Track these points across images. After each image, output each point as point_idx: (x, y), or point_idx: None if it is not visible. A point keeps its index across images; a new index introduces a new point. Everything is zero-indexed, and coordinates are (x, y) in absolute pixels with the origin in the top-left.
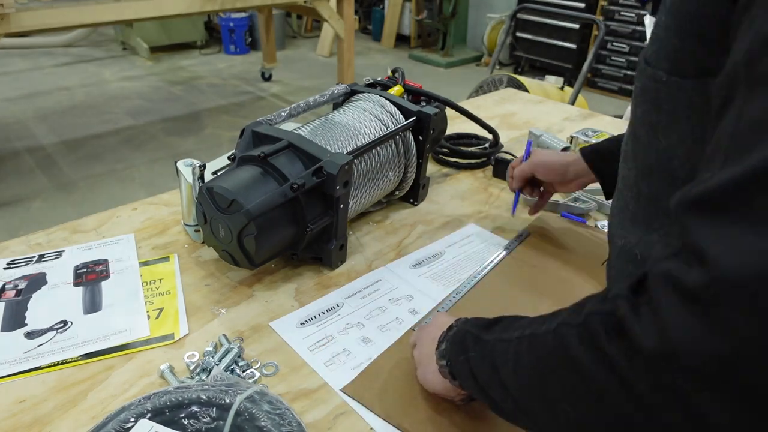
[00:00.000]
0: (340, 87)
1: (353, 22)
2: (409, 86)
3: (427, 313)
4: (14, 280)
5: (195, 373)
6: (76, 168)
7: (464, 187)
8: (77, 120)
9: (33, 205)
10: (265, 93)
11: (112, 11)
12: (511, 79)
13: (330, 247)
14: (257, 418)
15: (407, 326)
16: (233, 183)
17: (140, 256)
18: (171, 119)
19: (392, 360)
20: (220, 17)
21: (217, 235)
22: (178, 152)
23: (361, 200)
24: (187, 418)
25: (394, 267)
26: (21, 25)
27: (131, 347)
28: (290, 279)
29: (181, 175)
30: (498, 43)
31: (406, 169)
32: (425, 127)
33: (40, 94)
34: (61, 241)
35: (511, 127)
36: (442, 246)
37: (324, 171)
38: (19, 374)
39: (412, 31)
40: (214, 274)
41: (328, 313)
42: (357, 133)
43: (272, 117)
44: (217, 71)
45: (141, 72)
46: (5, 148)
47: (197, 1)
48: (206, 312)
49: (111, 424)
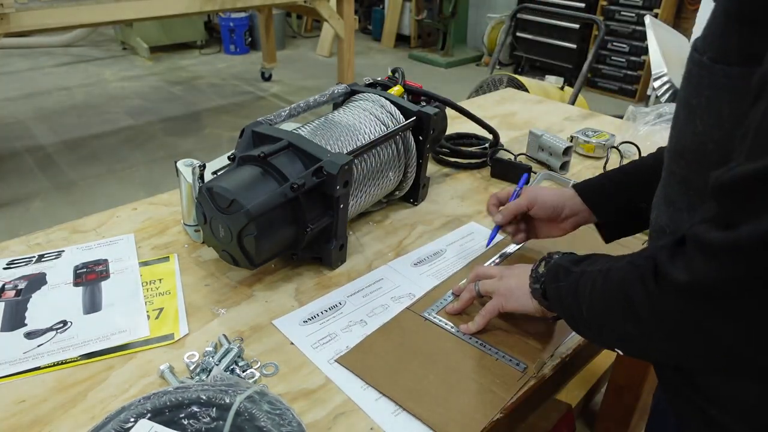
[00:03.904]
0: (340, 87)
1: (353, 22)
2: (409, 86)
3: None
4: (14, 280)
5: (195, 373)
6: (76, 168)
7: (464, 186)
8: (77, 120)
9: (33, 205)
10: (265, 93)
11: (112, 11)
12: (511, 79)
13: (330, 247)
14: (257, 418)
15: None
16: (233, 183)
17: (140, 256)
18: (171, 119)
19: (383, 336)
20: (220, 17)
21: (217, 235)
22: (178, 152)
23: (361, 200)
24: (187, 419)
25: (396, 265)
26: (21, 25)
27: (131, 347)
28: (290, 279)
29: (181, 175)
30: (498, 43)
31: (406, 169)
32: (425, 127)
33: (40, 94)
34: (61, 241)
35: (511, 127)
36: (443, 244)
37: (324, 171)
38: (18, 374)
39: (412, 31)
40: (214, 274)
41: (331, 311)
42: (357, 133)
43: (272, 117)
44: (217, 71)
45: (141, 72)
46: (5, 148)
47: (197, 1)
48: (206, 312)
49: (111, 424)
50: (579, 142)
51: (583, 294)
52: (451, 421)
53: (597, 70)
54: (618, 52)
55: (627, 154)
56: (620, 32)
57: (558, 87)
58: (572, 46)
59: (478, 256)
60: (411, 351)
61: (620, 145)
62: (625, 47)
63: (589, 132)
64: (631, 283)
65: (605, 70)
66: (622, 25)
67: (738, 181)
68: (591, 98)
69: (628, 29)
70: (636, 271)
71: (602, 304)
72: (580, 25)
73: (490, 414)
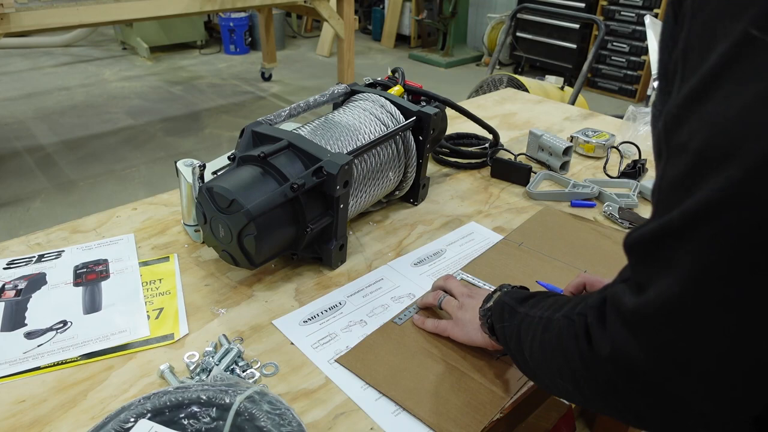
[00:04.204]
0: (340, 87)
1: (353, 22)
2: (409, 86)
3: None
4: (14, 280)
5: (195, 373)
6: (76, 168)
7: (464, 186)
8: (77, 120)
9: (33, 205)
10: (265, 93)
11: (112, 11)
12: (511, 79)
13: (330, 247)
14: (257, 418)
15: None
16: (233, 183)
17: (140, 256)
18: (171, 119)
19: (383, 336)
20: (220, 17)
21: (217, 235)
22: (178, 152)
23: (361, 200)
24: (187, 419)
25: (396, 265)
26: (21, 25)
27: (131, 347)
28: (290, 279)
29: (181, 175)
30: (498, 43)
31: (406, 169)
32: (425, 127)
33: (40, 94)
34: (61, 241)
35: (511, 127)
36: (443, 244)
37: (324, 171)
38: (18, 374)
39: (412, 31)
40: (214, 274)
41: (331, 311)
42: (357, 133)
43: (272, 117)
44: (217, 71)
45: (141, 72)
46: (5, 148)
47: (197, 1)
48: (206, 312)
49: (111, 424)
50: (579, 142)
51: (525, 340)
52: (451, 421)
53: (597, 70)
54: (618, 52)
55: (627, 154)
56: (620, 32)
57: (558, 87)
58: (572, 46)
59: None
60: (411, 351)
61: (620, 145)
62: (625, 47)
63: (589, 132)
64: (567, 339)
65: (605, 70)
66: (622, 25)
67: (640, 240)
68: (591, 98)
69: (628, 29)
70: (572, 327)
71: (541, 356)
72: (580, 25)
73: (490, 414)
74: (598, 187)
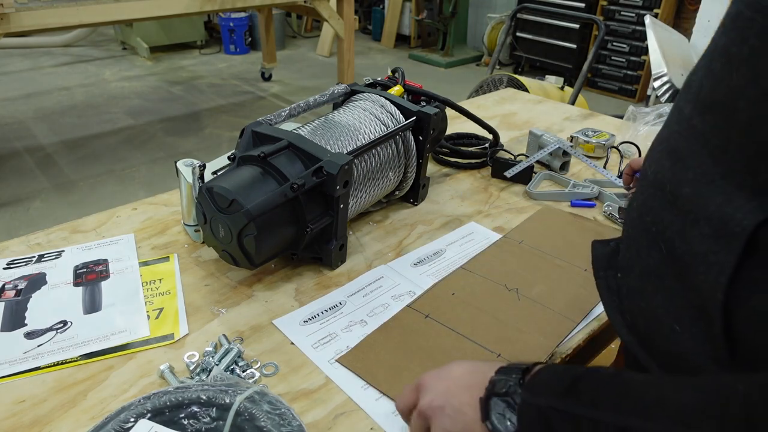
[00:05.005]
0: (340, 87)
1: (353, 22)
2: (409, 86)
3: (422, 293)
4: (14, 280)
5: (195, 373)
6: (76, 168)
7: (464, 186)
8: (77, 120)
9: (33, 205)
10: (265, 93)
11: (112, 11)
12: (511, 79)
13: (330, 247)
14: (257, 418)
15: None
16: (233, 183)
17: (140, 256)
18: (171, 119)
19: (383, 335)
20: (220, 17)
21: (217, 235)
22: (178, 152)
23: (361, 200)
24: (187, 419)
25: (396, 265)
26: (21, 25)
27: (131, 347)
28: (290, 279)
29: (181, 175)
30: (498, 43)
31: (406, 169)
32: (425, 127)
33: (40, 94)
34: (61, 241)
35: (511, 127)
36: (443, 244)
37: (324, 171)
38: (18, 374)
39: (412, 31)
40: (214, 274)
41: (331, 311)
42: (357, 133)
43: (272, 117)
44: (217, 71)
45: (141, 72)
46: (5, 148)
47: (197, 1)
48: (206, 312)
49: (111, 424)
50: (579, 142)
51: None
52: None
53: (597, 70)
54: (618, 52)
55: (627, 154)
56: (620, 32)
57: (558, 87)
58: (572, 46)
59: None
60: (411, 350)
61: (620, 145)
62: (625, 47)
63: (589, 132)
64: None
65: (605, 70)
66: (622, 25)
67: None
68: (591, 98)
69: (628, 29)
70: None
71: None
72: (580, 25)
73: None
74: (598, 187)
